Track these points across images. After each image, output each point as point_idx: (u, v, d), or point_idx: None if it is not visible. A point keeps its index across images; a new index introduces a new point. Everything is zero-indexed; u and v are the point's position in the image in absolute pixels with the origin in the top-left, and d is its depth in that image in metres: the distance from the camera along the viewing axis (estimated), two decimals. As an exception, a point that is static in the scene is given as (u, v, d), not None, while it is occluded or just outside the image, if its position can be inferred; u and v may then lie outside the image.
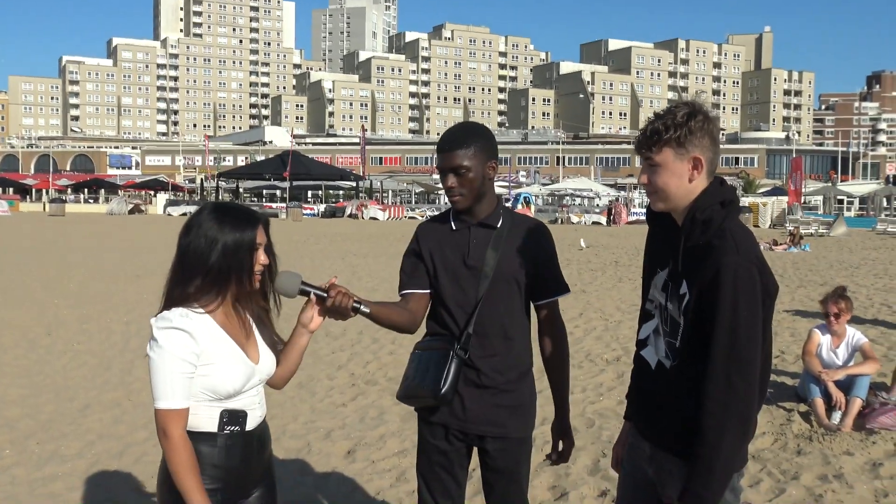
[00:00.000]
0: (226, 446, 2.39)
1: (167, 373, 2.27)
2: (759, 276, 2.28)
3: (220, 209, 2.43)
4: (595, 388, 7.37)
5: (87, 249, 23.90)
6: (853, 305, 6.86)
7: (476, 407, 2.86)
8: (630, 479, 2.66)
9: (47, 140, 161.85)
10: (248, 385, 2.43)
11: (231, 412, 2.40)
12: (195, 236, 2.37)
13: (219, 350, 2.36)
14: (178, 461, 2.28)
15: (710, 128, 2.37)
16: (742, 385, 2.24)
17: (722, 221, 2.32)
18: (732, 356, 2.24)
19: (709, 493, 2.27)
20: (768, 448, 5.69)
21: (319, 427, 6.24)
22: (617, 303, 12.82)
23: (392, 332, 2.99)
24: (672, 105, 2.42)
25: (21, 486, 5.12)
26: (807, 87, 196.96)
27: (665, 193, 2.40)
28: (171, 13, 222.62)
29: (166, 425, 2.28)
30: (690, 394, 2.33)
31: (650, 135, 2.38)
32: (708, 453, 2.26)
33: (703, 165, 2.37)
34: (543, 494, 4.84)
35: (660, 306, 2.50)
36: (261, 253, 2.43)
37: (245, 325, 2.48)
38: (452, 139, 2.89)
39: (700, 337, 2.30)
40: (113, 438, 5.96)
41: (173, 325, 2.30)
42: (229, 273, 2.36)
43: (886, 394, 6.58)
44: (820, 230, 37.66)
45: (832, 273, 18.18)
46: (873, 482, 5.01)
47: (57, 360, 8.62)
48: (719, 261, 2.25)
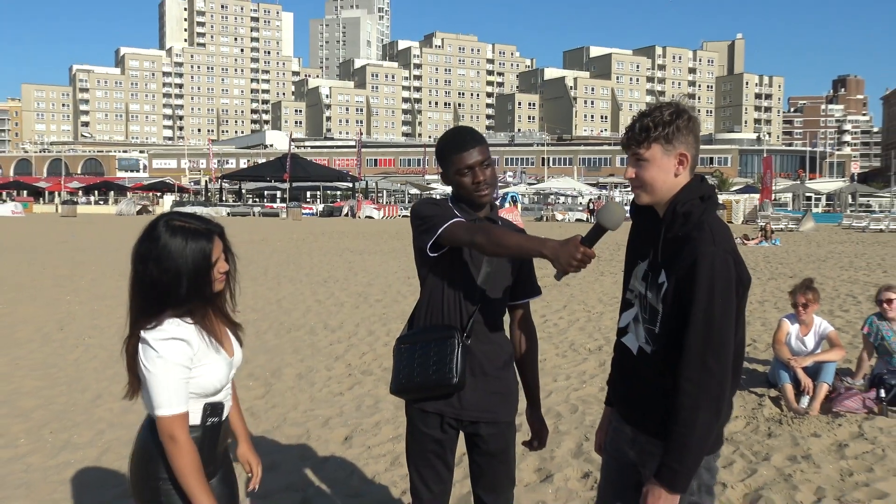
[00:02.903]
0: (208, 436, 2.42)
1: (170, 381, 2.27)
2: (734, 266, 2.29)
3: (175, 231, 2.32)
4: (578, 375, 7.38)
5: (97, 248, 23.80)
6: (820, 296, 6.89)
7: (472, 394, 2.83)
8: (613, 462, 2.66)
9: (59, 145, 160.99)
10: (227, 379, 2.45)
11: (213, 405, 2.42)
12: (155, 268, 2.31)
13: (206, 353, 2.37)
14: (186, 463, 2.27)
15: (693, 126, 2.39)
16: (716, 367, 2.25)
17: (701, 215, 2.33)
18: (707, 340, 2.25)
19: (683, 469, 2.28)
20: (741, 431, 5.72)
21: (318, 415, 6.24)
22: (599, 295, 12.84)
23: (388, 322, 2.98)
24: (656, 104, 2.42)
25: (35, 472, 5.10)
26: (777, 91, 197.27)
27: (651, 187, 2.40)
28: (175, 24, 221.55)
29: (173, 430, 2.26)
30: (670, 377, 2.34)
31: (639, 131, 2.38)
32: (683, 431, 2.26)
33: (687, 161, 2.38)
34: (530, 477, 4.85)
35: (640, 295, 2.50)
36: (220, 263, 2.39)
37: (218, 321, 2.49)
38: (478, 135, 2.86)
39: (678, 323, 2.31)
40: (123, 427, 5.95)
41: (172, 336, 2.28)
42: (196, 296, 2.35)
43: (851, 379, 6.63)
44: (789, 226, 37.84)
45: (801, 266, 18.26)
46: (839, 462, 5.03)
47: (69, 354, 8.59)
48: (697, 251, 2.26)
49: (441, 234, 2.69)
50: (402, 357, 2.87)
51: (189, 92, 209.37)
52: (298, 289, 13.83)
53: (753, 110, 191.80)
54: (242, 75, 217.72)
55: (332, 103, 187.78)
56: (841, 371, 6.86)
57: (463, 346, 2.76)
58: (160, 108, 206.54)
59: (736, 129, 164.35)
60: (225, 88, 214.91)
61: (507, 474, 2.96)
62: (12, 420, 6.25)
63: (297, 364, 7.93)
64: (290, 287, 14.06)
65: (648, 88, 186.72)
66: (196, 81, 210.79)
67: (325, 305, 11.88)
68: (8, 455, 5.46)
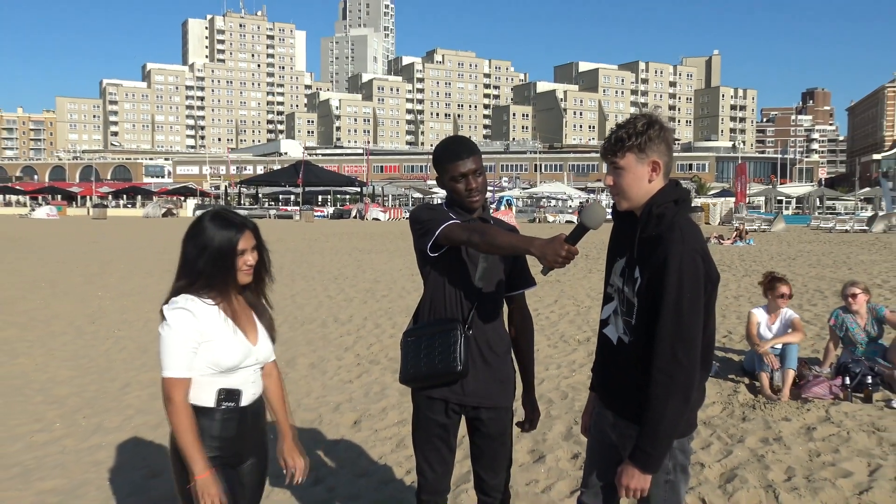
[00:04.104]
0: (222, 420, 2.41)
1: (173, 346, 2.32)
2: (703, 264, 2.29)
3: (214, 218, 2.45)
4: (568, 365, 7.39)
5: (125, 248, 23.80)
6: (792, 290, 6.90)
7: (474, 382, 2.84)
8: (597, 443, 2.68)
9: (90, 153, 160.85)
10: (245, 362, 2.45)
11: (228, 390, 2.42)
12: (192, 244, 2.42)
13: (219, 329, 2.39)
14: (179, 422, 2.31)
15: (665, 135, 2.38)
16: (685, 358, 2.26)
17: (673, 217, 2.33)
18: (677, 333, 2.25)
19: (655, 452, 2.30)
20: (717, 415, 5.72)
21: (329, 401, 6.24)
22: (587, 290, 12.84)
23: (394, 316, 2.98)
24: (632, 116, 2.42)
25: (70, 454, 5.12)
26: (750, 103, 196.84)
27: (628, 193, 2.40)
28: (197, 41, 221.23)
29: (170, 391, 2.32)
30: (646, 366, 2.34)
31: (615, 142, 2.39)
32: (654, 417, 2.28)
33: (660, 168, 2.38)
34: (524, 457, 4.85)
35: (618, 290, 2.51)
36: (248, 255, 2.44)
37: (246, 312, 2.51)
38: (472, 145, 2.86)
39: (651, 317, 2.32)
40: (149, 413, 5.95)
41: (179, 306, 2.35)
42: (216, 275, 2.40)
43: (819, 367, 6.64)
44: (762, 227, 37.79)
45: (773, 264, 18.24)
46: (808, 444, 5.04)
47: (100, 345, 8.60)
48: (667, 250, 2.27)
49: (439, 235, 2.70)
50: (408, 349, 2.87)
51: (210, 104, 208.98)
52: (311, 285, 13.82)
53: (729, 120, 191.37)
54: (259, 88, 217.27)
55: (342, 114, 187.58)
56: (809, 360, 6.87)
57: (465, 336, 2.77)
58: (183, 118, 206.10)
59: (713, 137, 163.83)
60: (243, 101, 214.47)
61: (504, 455, 2.97)
62: (48, 406, 6.26)
63: (310, 354, 7.93)
64: (303, 283, 14.05)
65: (632, 101, 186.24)
66: (216, 94, 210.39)
67: (336, 300, 11.88)
68: (44, 438, 5.47)
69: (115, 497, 4.37)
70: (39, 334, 9.21)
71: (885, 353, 6.42)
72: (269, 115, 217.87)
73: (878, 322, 6.58)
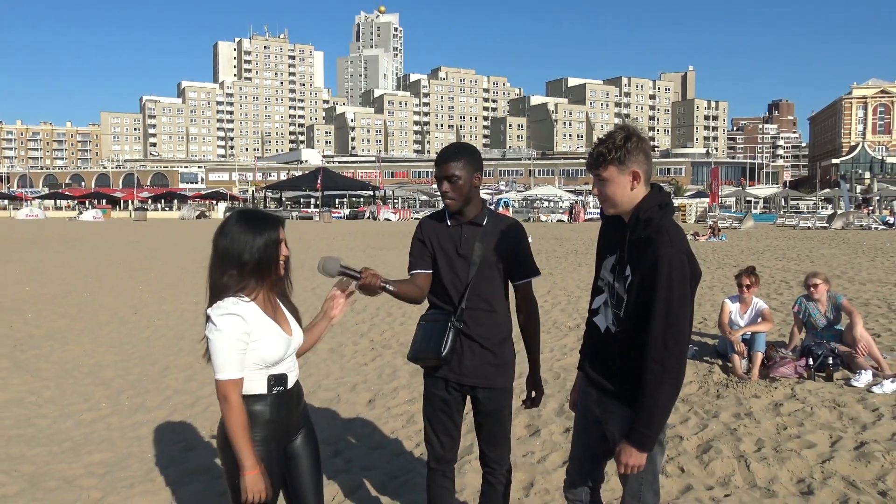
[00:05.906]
0: (275, 403, 2.37)
1: (226, 350, 2.23)
2: (689, 264, 2.29)
3: (247, 215, 2.37)
4: (560, 348, 7.37)
5: (163, 247, 23.83)
6: (760, 281, 6.87)
7: (469, 364, 2.86)
8: (582, 418, 2.68)
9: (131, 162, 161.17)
10: (287, 353, 2.40)
11: (276, 376, 2.37)
12: (231, 239, 2.31)
13: (263, 328, 2.31)
14: (235, 422, 2.24)
15: (642, 146, 2.37)
16: (675, 348, 2.26)
17: (659, 220, 2.32)
18: (668, 326, 2.25)
19: (650, 432, 2.31)
20: (694, 393, 5.70)
21: (346, 382, 6.24)
22: (577, 282, 12.81)
23: (404, 305, 2.99)
24: (612, 130, 2.41)
25: (115, 431, 5.13)
26: (722, 113, 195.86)
27: (613, 201, 2.40)
28: (226, 61, 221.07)
29: (227, 392, 2.24)
30: (629, 352, 2.35)
31: (597, 157, 2.39)
32: (650, 402, 2.28)
33: (640, 176, 2.37)
34: (521, 431, 4.85)
35: (608, 284, 2.49)
36: (283, 247, 2.40)
37: (276, 306, 2.44)
38: (447, 154, 2.87)
39: (639, 310, 2.31)
40: (186, 393, 5.96)
41: (229, 311, 2.24)
42: (262, 265, 2.32)
43: (785, 350, 6.61)
44: (733, 224, 37.69)
45: (743, 257, 18.19)
46: (775, 419, 5.02)
47: (142, 333, 8.61)
48: (658, 252, 2.26)
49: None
50: (417, 332, 2.94)
51: (238, 117, 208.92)
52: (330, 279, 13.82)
53: (703, 129, 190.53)
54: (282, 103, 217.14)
55: (356, 126, 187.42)
56: (777, 343, 6.84)
57: (455, 328, 2.82)
58: (214, 130, 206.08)
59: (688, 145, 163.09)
60: (268, 114, 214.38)
61: (502, 431, 2.96)
62: (95, 387, 6.27)
63: (329, 340, 7.93)
64: (322, 277, 14.03)
65: (616, 112, 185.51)
66: (244, 108, 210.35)
67: (351, 292, 11.87)
68: (92, 416, 5.48)
69: (156, 468, 4.38)
70: (87, 323, 9.23)
71: (842, 336, 6.40)
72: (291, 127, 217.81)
73: (836, 309, 6.56)
